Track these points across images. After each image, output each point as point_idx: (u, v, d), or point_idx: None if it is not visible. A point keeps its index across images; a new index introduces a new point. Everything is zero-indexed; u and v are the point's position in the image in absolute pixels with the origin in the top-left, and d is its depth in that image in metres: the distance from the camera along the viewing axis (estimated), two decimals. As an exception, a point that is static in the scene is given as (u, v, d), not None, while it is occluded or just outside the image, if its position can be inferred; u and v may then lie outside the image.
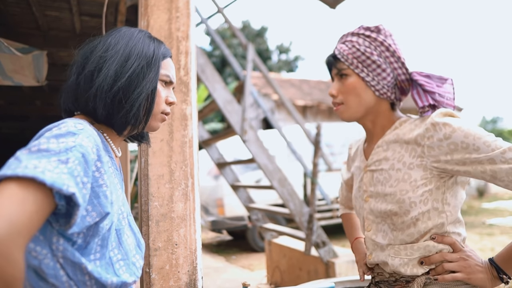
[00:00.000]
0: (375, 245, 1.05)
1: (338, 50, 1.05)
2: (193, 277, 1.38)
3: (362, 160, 1.12)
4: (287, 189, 3.51)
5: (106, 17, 3.75)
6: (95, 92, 0.81)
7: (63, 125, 0.72)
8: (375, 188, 1.04)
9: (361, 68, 1.02)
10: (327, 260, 3.48)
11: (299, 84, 13.88)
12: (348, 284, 1.48)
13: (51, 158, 0.64)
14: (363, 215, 1.09)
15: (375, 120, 1.07)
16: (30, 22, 3.89)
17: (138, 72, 0.84)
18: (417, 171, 0.96)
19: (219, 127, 12.92)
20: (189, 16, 1.50)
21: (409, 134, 0.99)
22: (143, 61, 0.85)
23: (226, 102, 3.45)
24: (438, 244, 0.97)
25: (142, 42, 0.87)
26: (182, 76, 1.46)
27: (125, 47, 0.85)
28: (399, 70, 1.02)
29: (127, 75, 0.82)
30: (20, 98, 6.52)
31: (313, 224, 3.44)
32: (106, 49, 0.85)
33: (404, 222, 0.98)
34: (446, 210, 0.98)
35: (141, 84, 0.83)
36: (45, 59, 3.09)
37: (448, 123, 0.92)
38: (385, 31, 1.04)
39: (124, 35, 0.88)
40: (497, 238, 6.39)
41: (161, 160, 1.40)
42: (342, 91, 1.05)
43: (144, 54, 0.86)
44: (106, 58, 0.83)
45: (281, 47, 22.07)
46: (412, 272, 0.98)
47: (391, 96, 1.04)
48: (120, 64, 0.83)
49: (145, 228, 1.37)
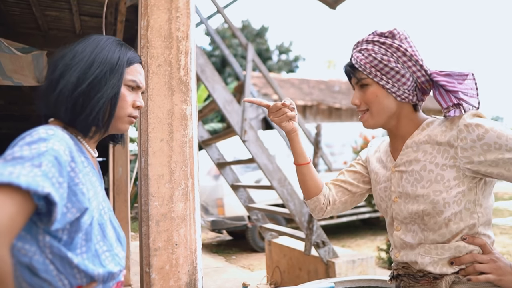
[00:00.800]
0: (404, 244, 1.06)
1: (355, 59, 1.05)
2: (193, 277, 1.38)
3: (389, 160, 1.12)
4: (287, 189, 3.51)
5: (106, 17, 3.75)
6: (56, 98, 0.88)
7: (35, 132, 0.78)
8: (404, 189, 1.03)
9: (380, 77, 1.01)
10: (327, 260, 3.48)
11: (299, 84, 13.88)
12: (348, 284, 1.48)
13: (25, 164, 0.71)
14: (391, 215, 1.09)
15: (398, 123, 1.07)
16: (30, 22, 3.89)
17: (100, 78, 0.89)
18: (450, 172, 0.96)
19: (219, 127, 12.93)
20: (189, 16, 1.50)
21: (441, 135, 0.99)
22: (106, 68, 0.90)
23: (226, 102, 3.44)
24: (468, 245, 0.98)
25: (108, 49, 0.93)
26: (182, 76, 1.46)
27: (90, 55, 0.91)
28: (418, 73, 1.02)
29: (88, 82, 0.88)
30: (20, 98, 6.52)
31: (313, 224, 3.44)
32: (73, 57, 0.90)
33: (436, 223, 0.98)
34: (478, 211, 0.98)
35: (102, 90, 0.89)
36: (45, 59, 3.09)
37: (480, 124, 0.92)
38: (399, 35, 1.03)
39: (91, 42, 0.94)
40: (497, 238, 6.39)
41: (161, 160, 1.40)
42: (365, 100, 1.06)
43: (107, 61, 0.91)
44: (71, 65, 0.89)
45: (281, 47, 22.07)
46: (441, 271, 0.99)
47: (413, 99, 1.04)
48: (83, 71, 0.88)
49: (145, 228, 1.37)
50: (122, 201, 4.51)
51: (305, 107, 12.15)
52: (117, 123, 0.95)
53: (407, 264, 1.07)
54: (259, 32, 21.12)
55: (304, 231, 3.52)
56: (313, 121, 11.84)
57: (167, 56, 1.45)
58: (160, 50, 1.45)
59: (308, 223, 3.46)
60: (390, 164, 1.11)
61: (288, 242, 4.23)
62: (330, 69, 27.84)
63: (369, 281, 1.47)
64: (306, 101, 12.13)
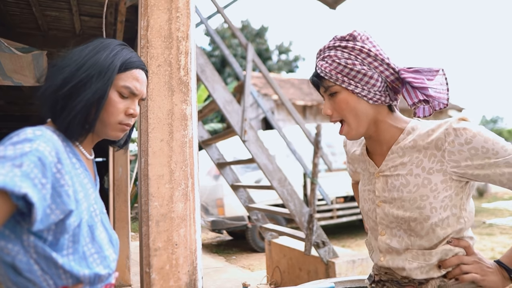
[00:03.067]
0: (389, 249, 1.04)
1: (320, 67, 1.01)
2: (193, 277, 1.38)
3: (371, 165, 1.09)
4: (287, 189, 3.51)
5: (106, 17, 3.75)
6: (40, 97, 0.88)
7: (22, 133, 0.78)
8: (390, 193, 1.02)
9: (348, 82, 0.98)
10: (327, 260, 3.48)
11: (299, 84, 13.88)
12: (348, 284, 1.48)
13: (5, 164, 0.71)
14: (374, 219, 1.08)
15: (378, 128, 1.04)
16: (30, 22, 3.89)
17: (85, 81, 0.86)
18: (437, 176, 0.96)
19: (219, 127, 12.93)
20: (189, 16, 1.50)
21: (427, 139, 0.98)
22: (94, 71, 0.87)
23: (226, 102, 3.44)
24: (454, 247, 0.99)
25: (103, 52, 0.90)
26: (182, 76, 1.46)
27: (83, 57, 0.89)
28: (386, 72, 0.99)
29: (71, 84, 0.86)
30: (20, 98, 6.52)
31: (313, 224, 3.44)
32: (67, 59, 0.90)
33: (423, 229, 0.98)
34: (464, 215, 0.98)
35: (83, 93, 0.86)
36: (45, 59, 3.09)
37: (467, 128, 0.92)
38: (361, 36, 1.00)
39: (91, 45, 0.92)
40: (497, 238, 6.39)
41: (161, 160, 1.40)
42: (336, 109, 1.02)
43: (97, 64, 0.88)
44: (62, 67, 0.88)
45: (281, 47, 22.08)
46: (428, 275, 0.99)
47: (386, 100, 1.01)
48: (71, 74, 0.87)
49: (145, 228, 1.37)
50: (122, 201, 4.51)
51: (305, 107, 12.15)
52: (106, 130, 0.92)
53: (390, 269, 1.06)
54: (259, 32, 21.12)
55: (304, 231, 3.52)
56: (313, 121, 11.84)
57: (167, 56, 1.46)
58: (160, 50, 1.45)
59: (308, 223, 3.46)
60: (372, 169, 1.08)
61: (288, 242, 4.23)
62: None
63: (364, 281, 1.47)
64: (306, 101, 12.13)
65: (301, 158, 4.18)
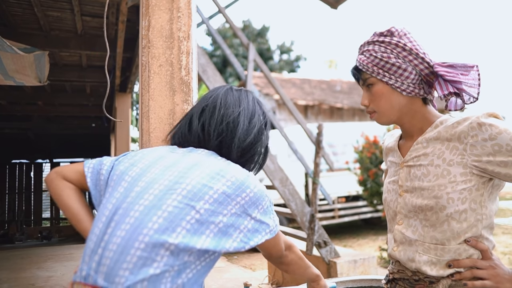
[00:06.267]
0: (404, 238, 1.06)
1: (359, 61, 1.09)
2: (195, 277, 1.38)
3: (398, 155, 1.14)
4: (289, 189, 3.51)
5: (108, 17, 3.76)
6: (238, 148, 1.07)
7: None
8: (412, 183, 1.04)
9: (383, 74, 1.05)
10: (328, 260, 3.48)
11: (301, 84, 13.88)
12: (350, 284, 1.48)
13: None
14: (395, 209, 1.10)
15: (412, 119, 1.09)
16: (32, 23, 3.90)
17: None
18: (457, 168, 0.97)
19: (221, 127, 12.89)
20: (190, 16, 1.50)
21: (452, 131, 1.00)
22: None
23: (227, 102, 3.44)
24: (469, 248, 0.97)
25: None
26: (183, 76, 1.46)
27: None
28: (421, 66, 1.04)
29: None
30: (22, 98, 6.53)
31: (314, 224, 3.44)
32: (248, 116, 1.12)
33: (438, 219, 0.98)
34: (483, 212, 0.97)
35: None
36: (47, 59, 3.09)
37: (494, 124, 0.93)
38: (398, 32, 1.06)
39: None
40: (499, 238, 6.37)
41: (163, 160, 1.40)
42: (372, 100, 1.09)
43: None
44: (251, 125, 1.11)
45: (282, 47, 22.07)
46: (438, 273, 0.98)
47: (420, 92, 1.05)
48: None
49: (146, 228, 1.37)
50: (124, 201, 4.51)
51: (306, 107, 12.14)
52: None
53: (401, 266, 1.07)
54: (261, 32, 21.12)
55: (305, 231, 3.52)
56: (314, 121, 11.84)
57: (169, 56, 1.46)
58: (161, 50, 1.45)
59: (309, 223, 3.46)
60: (398, 160, 1.12)
61: (290, 242, 4.23)
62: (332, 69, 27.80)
63: (370, 281, 1.47)
64: (307, 101, 12.13)
65: (303, 158, 4.18)
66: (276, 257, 1.10)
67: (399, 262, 1.08)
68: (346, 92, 13.91)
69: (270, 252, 1.07)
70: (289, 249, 1.12)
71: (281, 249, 1.07)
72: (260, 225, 0.92)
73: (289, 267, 1.14)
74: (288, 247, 1.11)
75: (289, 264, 1.13)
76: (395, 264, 1.10)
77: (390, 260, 1.14)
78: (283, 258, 1.11)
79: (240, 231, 0.88)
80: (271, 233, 0.96)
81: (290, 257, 1.12)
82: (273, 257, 1.10)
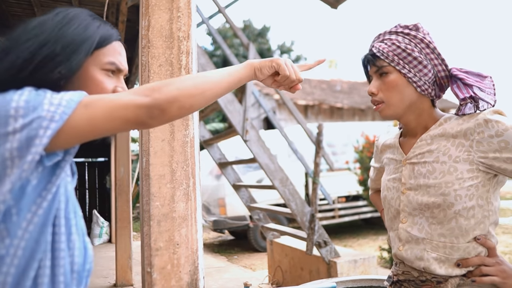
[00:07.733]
0: (409, 237, 1.04)
1: (377, 48, 1.05)
2: (195, 277, 1.38)
3: (399, 153, 1.12)
4: (289, 188, 3.51)
5: (107, 17, 3.76)
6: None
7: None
8: (416, 180, 1.03)
9: (403, 65, 1.02)
10: (329, 260, 3.48)
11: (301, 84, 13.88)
12: (350, 284, 1.48)
13: None
14: (397, 207, 1.08)
15: (419, 118, 1.08)
16: (32, 23, 3.89)
17: (59, 59, 0.74)
18: (463, 165, 0.97)
19: (221, 127, 12.93)
20: (190, 16, 1.50)
21: (457, 127, 1.00)
22: (68, 47, 0.75)
23: (227, 102, 3.44)
24: (478, 246, 0.98)
25: (71, 25, 0.76)
26: (183, 76, 1.46)
27: (49, 32, 0.75)
28: (439, 67, 1.03)
29: (35, 63, 0.72)
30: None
31: (314, 224, 3.43)
32: (27, 32, 0.75)
33: (446, 216, 0.97)
34: (489, 208, 0.98)
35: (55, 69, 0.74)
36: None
37: (501, 121, 0.93)
38: (423, 29, 1.05)
39: (57, 17, 0.78)
40: (499, 238, 6.36)
41: (162, 160, 1.40)
42: (383, 89, 1.05)
43: (70, 39, 0.75)
44: (20, 41, 0.74)
45: (282, 47, 22.07)
46: (446, 272, 0.98)
47: (432, 93, 1.04)
48: (34, 50, 0.73)
49: (146, 228, 1.37)
50: (124, 201, 4.52)
51: (306, 106, 12.14)
52: None
53: (407, 269, 1.05)
54: (261, 32, 21.11)
55: (305, 230, 3.52)
56: (314, 120, 11.83)
57: (168, 56, 1.45)
58: (161, 50, 1.45)
59: (309, 222, 3.46)
60: (400, 157, 1.11)
61: (290, 242, 4.23)
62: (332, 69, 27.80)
63: (371, 281, 1.47)
64: (307, 100, 12.12)
65: (303, 158, 4.18)
66: (139, 123, 0.67)
67: (403, 263, 1.07)
68: (346, 92, 13.91)
69: (115, 128, 0.66)
70: (152, 92, 0.68)
71: (126, 111, 0.65)
72: (28, 128, 0.59)
73: (193, 107, 0.73)
74: (151, 92, 0.68)
75: (183, 108, 0.71)
76: (399, 266, 1.09)
77: (394, 261, 1.13)
78: (154, 111, 0.67)
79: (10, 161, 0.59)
80: (56, 118, 0.60)
81: (166, 98, 0.68)
82: (134, 126, 0.68)
